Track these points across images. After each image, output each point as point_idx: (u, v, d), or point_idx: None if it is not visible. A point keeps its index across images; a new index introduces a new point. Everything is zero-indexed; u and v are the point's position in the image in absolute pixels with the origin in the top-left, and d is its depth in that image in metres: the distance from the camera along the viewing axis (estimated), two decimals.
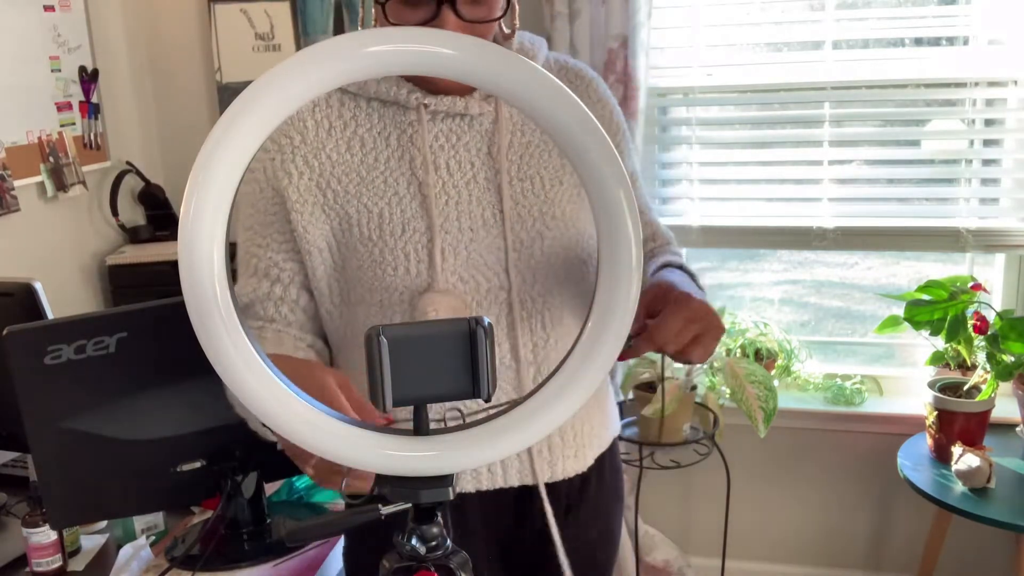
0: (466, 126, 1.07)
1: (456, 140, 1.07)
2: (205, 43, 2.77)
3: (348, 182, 1.06)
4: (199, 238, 0.53)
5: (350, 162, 1.06)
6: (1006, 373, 2.14)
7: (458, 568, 0.64)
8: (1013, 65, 2.28)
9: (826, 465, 2.54)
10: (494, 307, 1.07)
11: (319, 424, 0.59)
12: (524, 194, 1.08)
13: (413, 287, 1.04)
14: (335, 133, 1.07)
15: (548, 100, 0.55)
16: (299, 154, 1.05)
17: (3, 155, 2.30)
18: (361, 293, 1.06)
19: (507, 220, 1.06)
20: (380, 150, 1.06)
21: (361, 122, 1.07)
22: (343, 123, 1.07)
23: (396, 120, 1.07)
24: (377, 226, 1.04)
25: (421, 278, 1.04)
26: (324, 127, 1.07)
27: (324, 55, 0.53)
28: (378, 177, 1.06)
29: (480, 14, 0.98)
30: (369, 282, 1.05)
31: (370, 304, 1.06)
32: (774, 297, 3.05)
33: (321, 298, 1.10)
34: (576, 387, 0.60)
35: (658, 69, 2.47)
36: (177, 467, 1.36)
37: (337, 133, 1.07)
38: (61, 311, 1.51)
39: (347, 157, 1.06)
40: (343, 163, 1.06)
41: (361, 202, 1.05)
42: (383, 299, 1.05)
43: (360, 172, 1.06)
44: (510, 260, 1.06)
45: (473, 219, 1.06)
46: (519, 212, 1.07)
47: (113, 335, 1.28)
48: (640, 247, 0.59)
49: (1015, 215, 2.37)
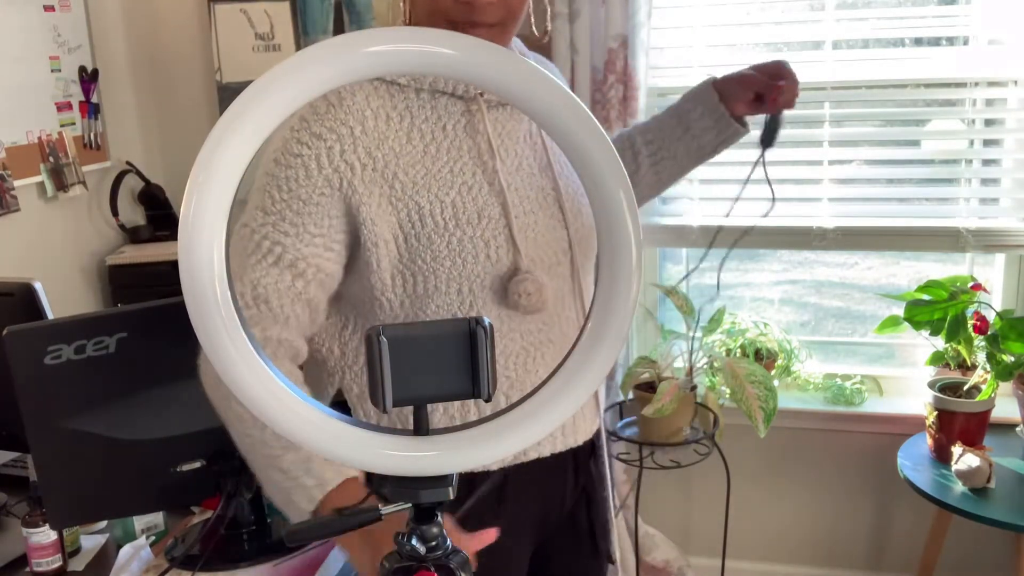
0: (508, 113, 1.13)
1: (502, 128, 1.12)
2: (205, 43, 2.77)
3: (415, 173, 1.06)
4: (199, 238, 0.53)
5: (412, 153, 1.06)
6: (1006, 373, 2.14)
7: (458, 568, 0.64)
8: (1013, 65, 2.28)
9: (826, 465, 2.54)
10: (563, 279, 1.15)
11: (319, 424, 0.59)
12: (567, 171, 1.17)
13: (495, 273, 1.08)
14: (393, 124, 1.06)
15: (548, 100, 0.55)
16: (360, 145, 1.04)
17: (3, 155, 2.30)
18: (436, 284, 1.07)
19: (562, 197, 1.14)
20: (440, 140, 1.08)
21: (416, 113, 1.08)
22: (399, 114, 1.07)
23: (449, 110, 1.09)
24: (452, 215, 1.05)
25: (502, 263, 1.08)
26: (382, 117, 1.06)
27: (324, 55, 0.53)
28: (444, 167, 1.07)
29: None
30: (447, 272, 1.07)
31: (446, 293, 1.07)
32: (774, 297, 3.05)
33: (382, 290, 1.09)
34: (576, 387, 0.60)
35: (658, 69, 2.47)
36: (177, 467, 1.36)
37: (395, 124, 1.06)
38: (61, 311, 1.51)
39: (409, 148, 1.06)
40: (406, 154, 1.06)
41: (432, 193, 1.06)
42: (463, 287, 1.07)
43: (425, 163, 1.07)
44: (571, 234, 1.15)
45: (532, 202, 1.12)
46: (567, 189, 1.16)
47: (113, 335, 1.28)
48: (640, 247, 0.59)
49: (1015, 215, 2.37)
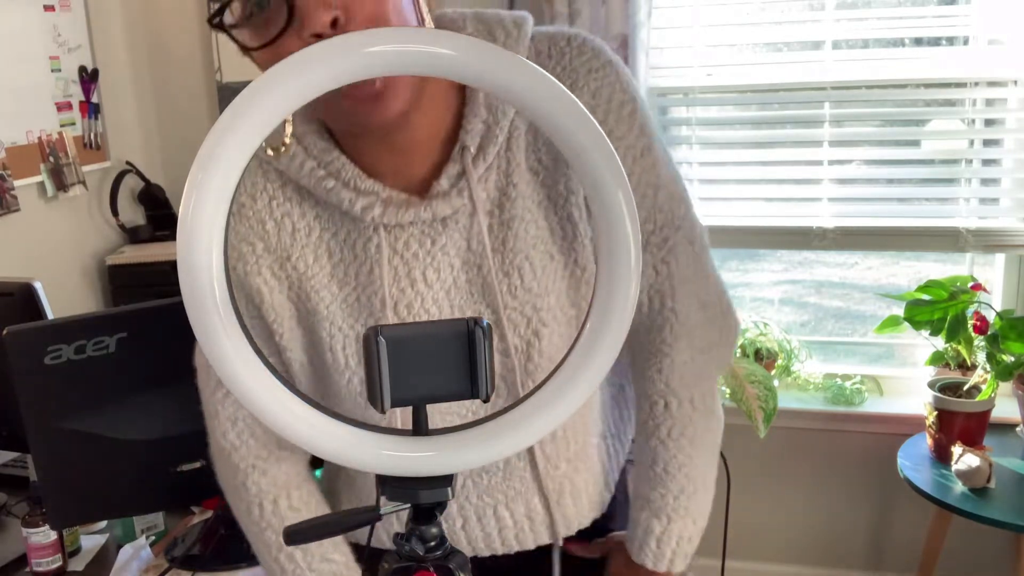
0: (440, 227, 0.90)
1: (432, 245, 0.90)
2: (205, 43, 2.77)
3: (319, 300, 0.92)
4: (198, 238, 0.53)
5: (319, 275, 0.92)
6: (1006, 373, 2.14)
7: (457, 569, 0.64)
8: (1013, 65, 2.27)
9: (826, 465, 2.54)
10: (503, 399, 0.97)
11: (318, 424, 0.59)
12: (514, 292, 0.91)
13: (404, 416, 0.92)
14: (299, 238, 0.91)
15: (547, 100, 0.55)
16: (264, 264, 0.92)
17: (3, 155, 2.30)
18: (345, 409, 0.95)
19: (503, 325, 0.91)
20: (348, 262, 0.91)
21: (326, 226, 0.92)
22: (307, 226, 0.92)
23: (359, 226, 0.91)
24: (355, 351, 0.91)
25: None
26: (287, 230, 0.92)
27: (324, 55, 0.53)
28: (351, 294, 0.91)
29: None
30: (351, 409, 0.94)
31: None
32: (774, 297, 3.05)
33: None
34: (574, 387, 0.60)
35: (658, 69, 2.47)
36: (177, 467, 1.36)
37: (302, 238, 0.92)
38: (61, 311, 1.51)
39: (315, 269, 0.92)
40: (311, 276, 0.91)
41: (335, 325, 0.91)
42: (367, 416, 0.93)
43: (331, 288, 0.92)
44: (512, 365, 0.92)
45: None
46: (510, 316, 0.91)
47: (113, 335, 1.28)
48: (639, 248, 0.59)
49: (1015, 215, 2.37)
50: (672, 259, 0.96)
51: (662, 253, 0.96)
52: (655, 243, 0.96)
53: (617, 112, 0.92)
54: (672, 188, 0.96)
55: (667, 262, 0.96)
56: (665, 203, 0.95)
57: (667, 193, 0.96)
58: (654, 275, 0.97)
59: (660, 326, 0.99)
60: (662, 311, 0.98)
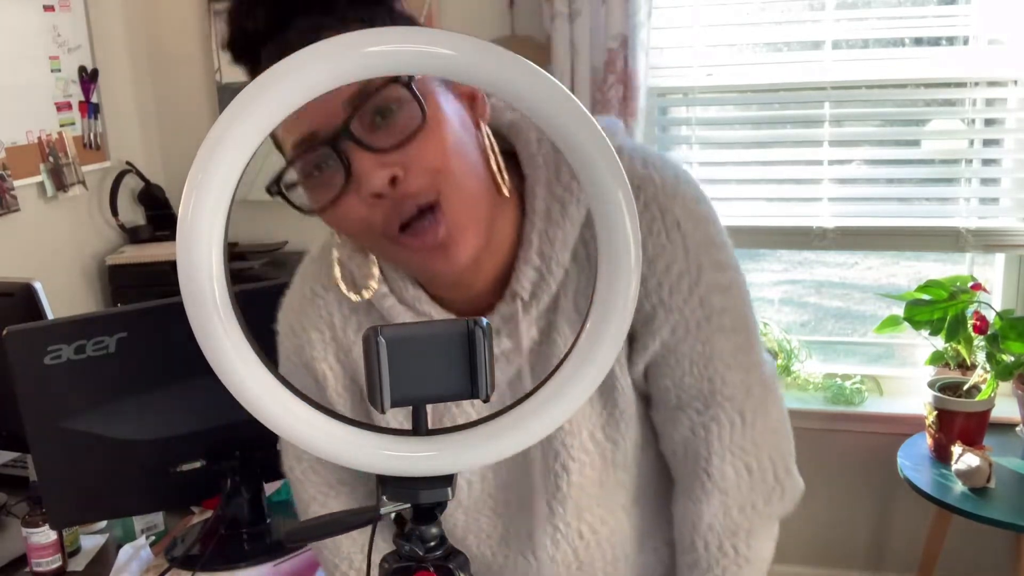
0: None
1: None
2: (205, 43, 2.78)
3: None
4: (198, 238, 0.53)
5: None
6: (1006, 373, 2.14)
7: (457, 569, 0.64)
8: (1013, 65, 2.28)
9: (826, 465, 2.54)
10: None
11: (318, 425, 0.59)
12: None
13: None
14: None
15: (547, 101, 0.55)
16: (330, 351, 0.94)
17: (3, 155, 2.30)
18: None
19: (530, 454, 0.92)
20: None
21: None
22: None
23: None
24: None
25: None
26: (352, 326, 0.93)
27: (323, 55, 0.53)
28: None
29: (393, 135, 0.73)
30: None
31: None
32: (774, 297, 3.05)
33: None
34: (574, 387, 0.60)
35: (658, 69, 2.47)
36: (177, 467, 1.36)
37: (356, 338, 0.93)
38: (61, 311, 1.51)
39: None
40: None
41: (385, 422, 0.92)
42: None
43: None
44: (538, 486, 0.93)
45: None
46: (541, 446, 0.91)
47: (113, 335, 1.28)
48: (639, 248, 0.58)
49: (1015, 215, 2.37)
50: (714, 427, 0.90)
51: (701, 419, 0.90)
52: (694, 408, 0.90)
53: (674, 282, 0.85)
54: (733, 358, 0.89)
55: (707, 428, 0.90)
56: (716, 375, 0.88)
57: (723, 364, 0.88)
58: (690, 434, 0.91)
59: (691, 478, 0.93)
60: (695, 468, 0.92)
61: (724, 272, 0.87)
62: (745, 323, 0.90)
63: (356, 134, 0.72)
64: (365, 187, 0.73)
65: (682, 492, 0.95)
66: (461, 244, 0.77)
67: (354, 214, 0.75)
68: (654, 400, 0.93)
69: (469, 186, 0.77)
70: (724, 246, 0.88)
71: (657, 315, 0.86)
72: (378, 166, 0.72)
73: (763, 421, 0.92)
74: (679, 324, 0.87)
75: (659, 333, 0.87)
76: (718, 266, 0.87)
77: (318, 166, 0.75)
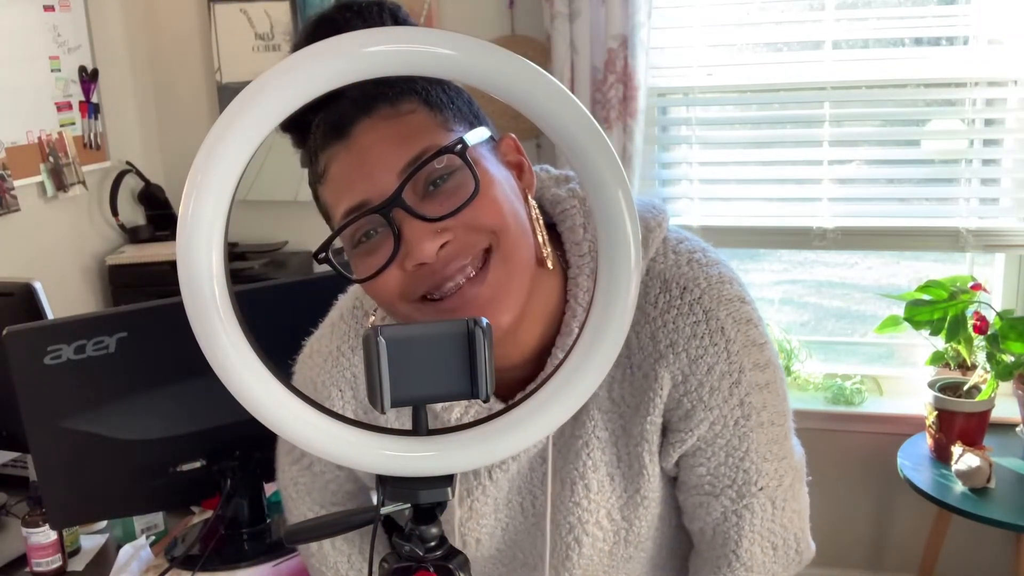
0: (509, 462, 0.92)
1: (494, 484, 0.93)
2: (205, 43, 2.78)
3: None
4: (198, 238, 0.53)
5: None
6: (1006, 373, 2.14)
7: (457, 569, 0.64)
8: (1013, 65, 2.28)
9: (826, 465, 2.53)
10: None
11: (318, 425, 0.59)
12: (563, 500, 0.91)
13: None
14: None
15: (548, 101, 0.55)
16: (349, 409, 0.95)
17: (3, 155, 2.30)
18: None
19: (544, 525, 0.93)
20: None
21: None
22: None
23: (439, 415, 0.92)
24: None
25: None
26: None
27: (323, 55, 0.53)
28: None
29: (445, 204, 0.73)
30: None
31: None
32: (774, 297, 3.05)
33: None
34: (574, 387, 0.60)
35: (658, 69, 2.47)
36: (177, 467, 1.36)
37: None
38: (61, 311, 1.51)
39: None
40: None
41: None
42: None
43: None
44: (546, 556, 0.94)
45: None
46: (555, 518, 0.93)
47: (113, 335, 1.28)
48: (639, 248, 0.58)
49: (1015, 215, 2.37)
50: (747, 514, 0.91)
51: (735, 507, 0.91)
52: (728, 496, 0.91)
53: (716, 383, 0.85)
54: (768, 450, 0.90)
55: (740, 515, 0.91)
56: (752, 466, 0.89)
57: (759, 456, 0.89)
58: (722, 519, 0.92)
59: (718, 556, 0.94)
60: (723, 549, 0.93)
61: (764, 371, 0.87)
62: (782, 416, 0.90)
63: (408, 203, 0.72)
64: (413, 256, 0.73)
65: (704, 564, 0.96)
66: (503, 307, 0.76)
67: (393, 281, 0.76)
68: (685, 484, 0.93)
69: (517, 252, 0.77)
70: (765, 345, 0.88)
71: (696, 413, 0.86)
72: (429, 234, 0.72)
73: (792, 505, 0.93)
74: (718, 421, 0.87)
75: (697, 429, 0.87)
76: (759, 366, 0.87)
77: (368, 233, 0.75)
